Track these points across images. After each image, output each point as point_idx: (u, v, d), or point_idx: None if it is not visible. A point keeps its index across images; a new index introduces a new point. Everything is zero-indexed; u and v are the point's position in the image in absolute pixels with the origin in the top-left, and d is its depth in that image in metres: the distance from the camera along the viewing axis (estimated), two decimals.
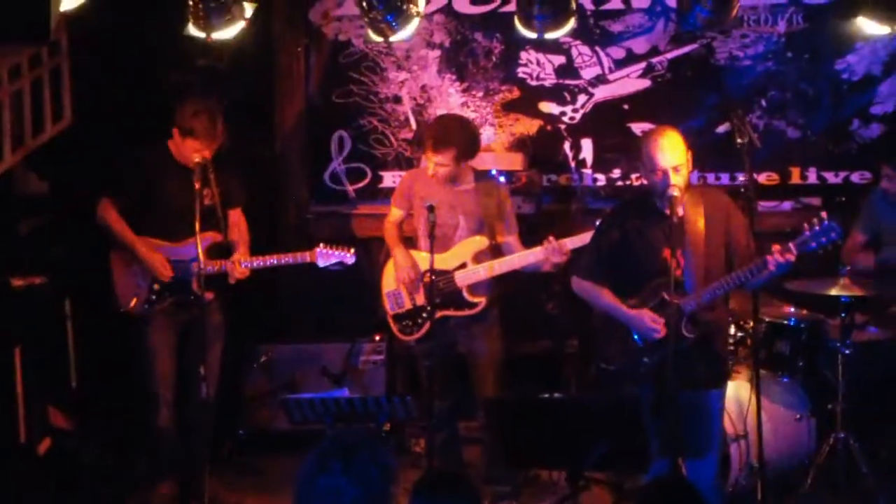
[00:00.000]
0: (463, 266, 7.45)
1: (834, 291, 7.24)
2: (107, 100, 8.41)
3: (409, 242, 7.71)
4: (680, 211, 6.15)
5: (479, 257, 7.47)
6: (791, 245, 5.96)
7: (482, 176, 7.67)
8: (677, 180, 6.15)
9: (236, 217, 7.68)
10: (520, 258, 7.40)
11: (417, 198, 7.56)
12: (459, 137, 7.40)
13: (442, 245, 7.35)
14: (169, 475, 7.56)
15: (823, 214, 5.94)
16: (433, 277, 7.24)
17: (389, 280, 7.68)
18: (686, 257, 6.17)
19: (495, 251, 7.54)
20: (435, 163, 7.37)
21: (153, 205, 7.43)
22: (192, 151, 7.20)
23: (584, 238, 7.10)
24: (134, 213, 7.45)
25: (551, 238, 7.22)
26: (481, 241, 7.47)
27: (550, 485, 7.71)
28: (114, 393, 8.13)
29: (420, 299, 7.55)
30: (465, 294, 7.46)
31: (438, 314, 7.37)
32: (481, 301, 7.46)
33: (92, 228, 7.50)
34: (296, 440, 6.72)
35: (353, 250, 7.55)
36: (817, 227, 5.91)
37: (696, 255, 6.20)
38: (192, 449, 7.46)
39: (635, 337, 6.28)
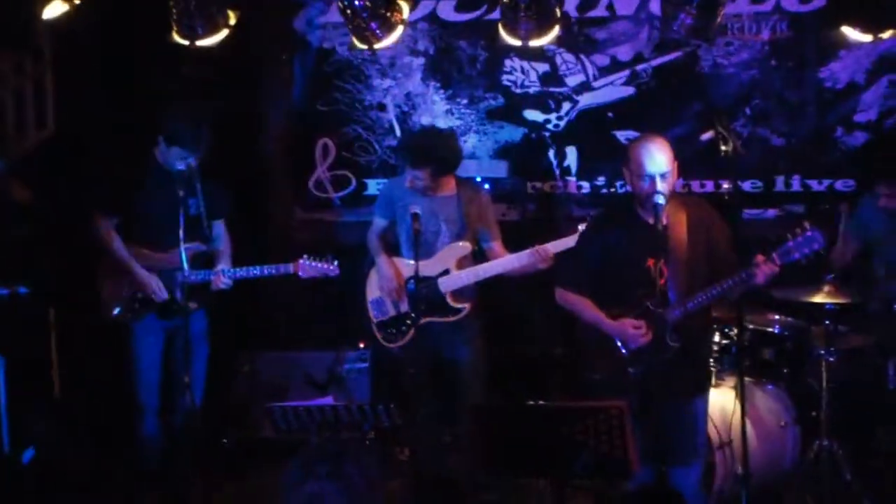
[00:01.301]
0: (446, 272, 7.44)
1: (818, 299, 7.25)
2: (91, 108, 8.38)
3: (394, 250, 7.70)
4: (664, 220, 6.14)
5: (462, 263, 7.47)
6: (774, 256, 5.96)
7: (463, 182, 7.65)
8: (663, 187, 6.14)
9: (220, 228, 7.66)
10: (503, 263, 7.39)
11: (399, 206, 7.55)
12: (438, 155, 7.37)
13: (425, 252, 7.34)
14: (153, 483, 7.53)
15: (806, 224, 5.93)
16: (418, 285, 7.24)
17: (373, 288, 7.68)
18: (669, 266, 6.16)
19: (478, 257, 7.54)
20: (412, 176, 7.36)
21: (139, 214, 7.40)
22: (178, 158, 7.18)
23: (566, 242, 7.10)
24: (122, 221, 7.42)
25: (537, 247, 7.22)
26: (464, 247, 7.47)
27: (535, 492, 7.71)
28: (98, 402, 8.10)
29: (403, 306, 7.55)
30: (449, 300, 7.45)
31: (422, 321, 7.36)
32: (465, 307, 7.45)
33: (76, 237, 7.49)
34: (281, 448, 6.70)
35: (336, 263, 7.51)
36: (800, 237, 5.90)
37: (679, 264, 6.19)
38: (177, 457, 7.45)
39: (620, 347, 6.28)
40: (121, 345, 7.47)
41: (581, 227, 6.96)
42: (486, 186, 8.37)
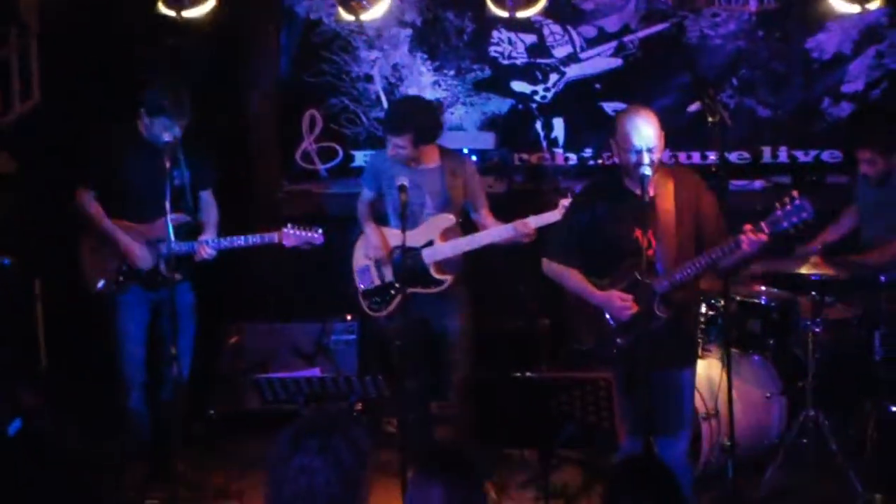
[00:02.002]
0: (430, 243, 7.44)
1: (804, 270, 7.26)
2: (76, 80, 8.34)
3: (382, 220, 7.69)
4: (651, 191, 6.14)
5: (446, 234, 7.46)
6: (763, 225, 5.94)
7: (448, 153, 7.62)
8: (650, 160, 6.13)
9: (208, 198, 7.64)
10: (484, 237, 7.40)
11: (385, 178, 7.54)
12: (418, 122, 7.36)
13: (410, 223, 7.31)
14: (140, 456, 7.54)
15: (795, 193, 5.91)
16: (403, 255, 7.24)
17: (360, 256, 7.68)
18: (657, 237, 6.16)
19: (465, 229, 7.54)
20: (393, 144, 7.36)
21: (123, 186, 7.38)
22: (162, 129, 7.15)
23: (548, 217, 7.11)
24: (104, 193, 7.41)
25: (519, 222, 7.22)
26: (448, 219, 7.46)
27: (522, 463, 7.74)
28: (84, 373, 8.09)
29: (388, 276, 7.56)
30: (433, 271, 7.45)
31: (405, 291, 7.37)
32: (447, 278, 7.45)
33: (62, 208, 7.47)
34: (267, 420, 6.71)
35: (321, 231, 7.49)
36: (789, 207, 5.89)
37: (667, 234, 6.19)
38: (163, 429, 7.45)
39: (607, 317, 6.28)
40: (107, 316, 7.46)
41: (564, 201, 6.96)
42: (473, 158, 8.35)
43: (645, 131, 6.13)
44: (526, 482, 7.51)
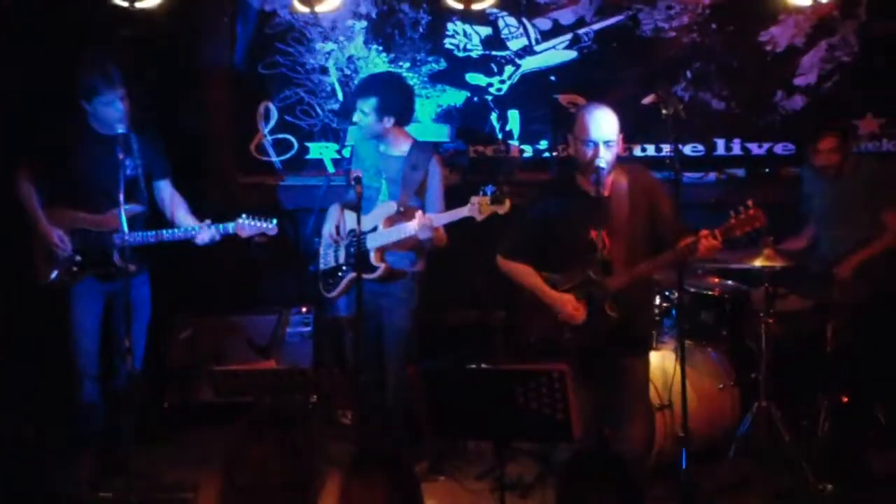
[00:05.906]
0: (374, 229, 7.42)
1: (758, 263, 7.31)
2: (28, 70, 8.27)
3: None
4: (606, 190, 6.18)
5: (388, 222, 7.42)
6: (717, 232, 6.05)
7: (419, 147, 7.57)
8: (606, 155, 6.18)
9: (167, 189, 7.61)
10: (394, 231, 7.34)
11: (359, 159, 7.58)
12: (383, 91, 7.37)
13: (365, 208, 7.30)
14: (92, 449, 7.49)
15: (749, 203, 6.03)
16: (353, 239, 7.24)
17: (325, 236, 7.68)
18: (611, 236, 6.19)
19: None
20: (358, 109, 7.36)
21: (74, 176, 7.33)
22: (104, 107, 7.12)
23: (451, 215, 7.07)
24: (56, 185, 7.36)
25: (419, 213, 7.18)
26: (389, 207, 7.42)
27: (478, 455, 7.75)
28: (36, 366, 8.04)
29: (340, 258, 7.56)
30: (372, 257, 7.41)
31: (350, 275, 7.38)
32: (381, 266, 7.40)
33: (12, 199, 7.41)
34: (221, 412, 6.69)
35: (274, 221, 7.46)
36: (743, 216, 6.01)
37: (620, 233, 6.24)
38: (116, 422, 7.41)
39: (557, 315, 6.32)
40: (59, 308, 7.41)
41: (475, 198, 6.87)
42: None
43: (604, 126, 6.19)
44: (481, 474, 7.52)
